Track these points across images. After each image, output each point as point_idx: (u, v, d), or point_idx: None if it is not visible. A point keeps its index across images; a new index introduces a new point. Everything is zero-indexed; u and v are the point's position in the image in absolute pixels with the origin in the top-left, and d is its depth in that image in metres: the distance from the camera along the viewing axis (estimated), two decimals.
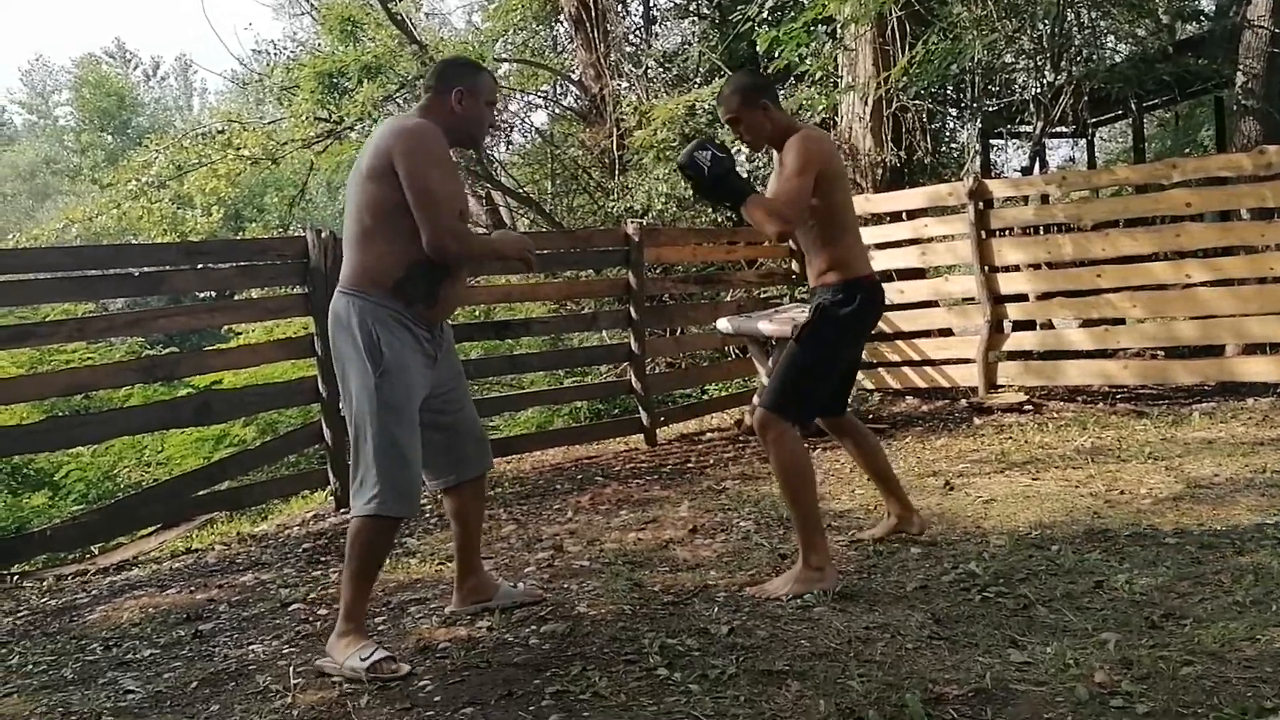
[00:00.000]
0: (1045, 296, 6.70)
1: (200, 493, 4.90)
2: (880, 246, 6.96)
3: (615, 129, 10.06)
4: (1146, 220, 7.13)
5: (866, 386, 7.26)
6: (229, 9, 15.37)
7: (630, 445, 6.41)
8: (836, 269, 3.25)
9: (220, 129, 11.61)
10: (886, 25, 7.89)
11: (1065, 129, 9.55)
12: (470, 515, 3.15)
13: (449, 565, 3.59)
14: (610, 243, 6.78)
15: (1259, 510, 3.66)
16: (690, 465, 5.69)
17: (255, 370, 6.37)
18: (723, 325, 6.36)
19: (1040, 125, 8.42)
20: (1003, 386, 6.65)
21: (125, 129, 31.47)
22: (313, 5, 12.93)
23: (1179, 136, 13.92)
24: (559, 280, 7.43)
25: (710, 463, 5.70)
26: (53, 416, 6.86)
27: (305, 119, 10.65)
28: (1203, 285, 6.12)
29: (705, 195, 3.46)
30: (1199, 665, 2.34)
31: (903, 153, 8.21)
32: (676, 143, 8.65)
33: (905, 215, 7.28)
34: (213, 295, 6.99)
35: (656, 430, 6.46)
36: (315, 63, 10.46)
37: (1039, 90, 8.28)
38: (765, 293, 7.72)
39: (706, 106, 8.72)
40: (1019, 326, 7.09)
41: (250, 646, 3.06)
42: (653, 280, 6.99)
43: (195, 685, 2.75)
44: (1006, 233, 7.19)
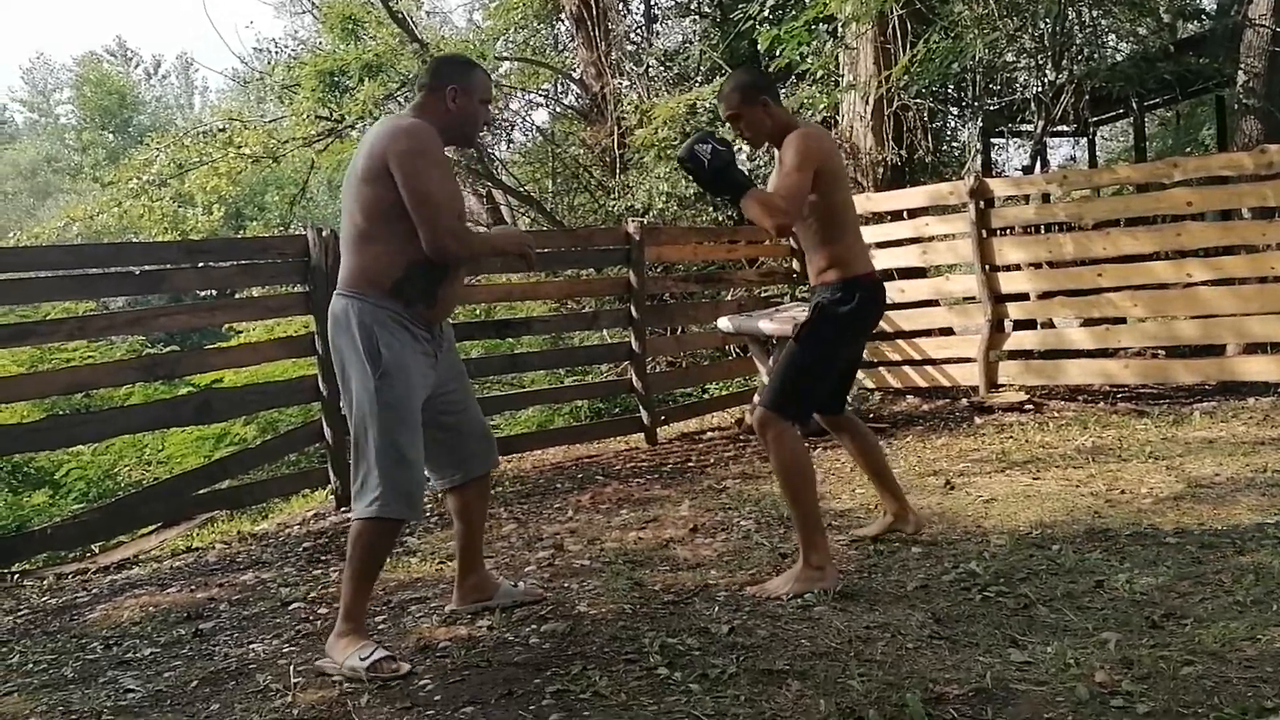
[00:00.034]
0: (1046, 295, 6.70)
1: (201, 491, 4.91)
2: (881, 245, 6.95)
3: (616, 127, 10.07)
4: (1147, 219, 7.13)
5: (867, 385, 7.26)
6: (230, 7, 15.39)
7: (631, 444, 6.41)
8: (836, 267, 3.24)
9: (221, 127, 11.63)
10: (887, 24, 7.88)
11: (1066, 128, 9.55)
12: (474, 513, 3.14)
13: (449, 564, 3.59)
14: (611, 241, 6.78)
15: (1260, 510, 3.66)
16: (691, 464, 5.68)
17: (256, 369, 6.38)
18: (723, 324, 6.36)
19: (1041, 124, 8.41)
20: (1003, 386, 6.64)
21: (126, 127, 31.51)
22: (314, 4, 12.95)
23: (1180, 135, 13.92)
24: (560, 279, 7.44)
25: (711, 462, 5.69)
26: (53, 415, 6.87)
27: (306, 117, 10.67)
28: (1204, 284, 6.12)
29: (705, 188, 3.46)
30: (1199, 665, 2.34)
31: (904, 151, 8.21)
32: (677, 141, 8.64)
33: (906, 214, 7.27)
34: (213, 294, 6.98)
35: (657, 429, 6.45)
36: (316, 61, 10.46)
37: (1040, 89, 8.27)
38: (766, 291, 7.72)
39: (708, 105, 8.72)
40: (1020, 325, 7.08)
41: (251, 645, 3.06)
42: (653, 279, 6.98)
43: (195, 684, 2.75)
44: (1007, 232, 7.19)
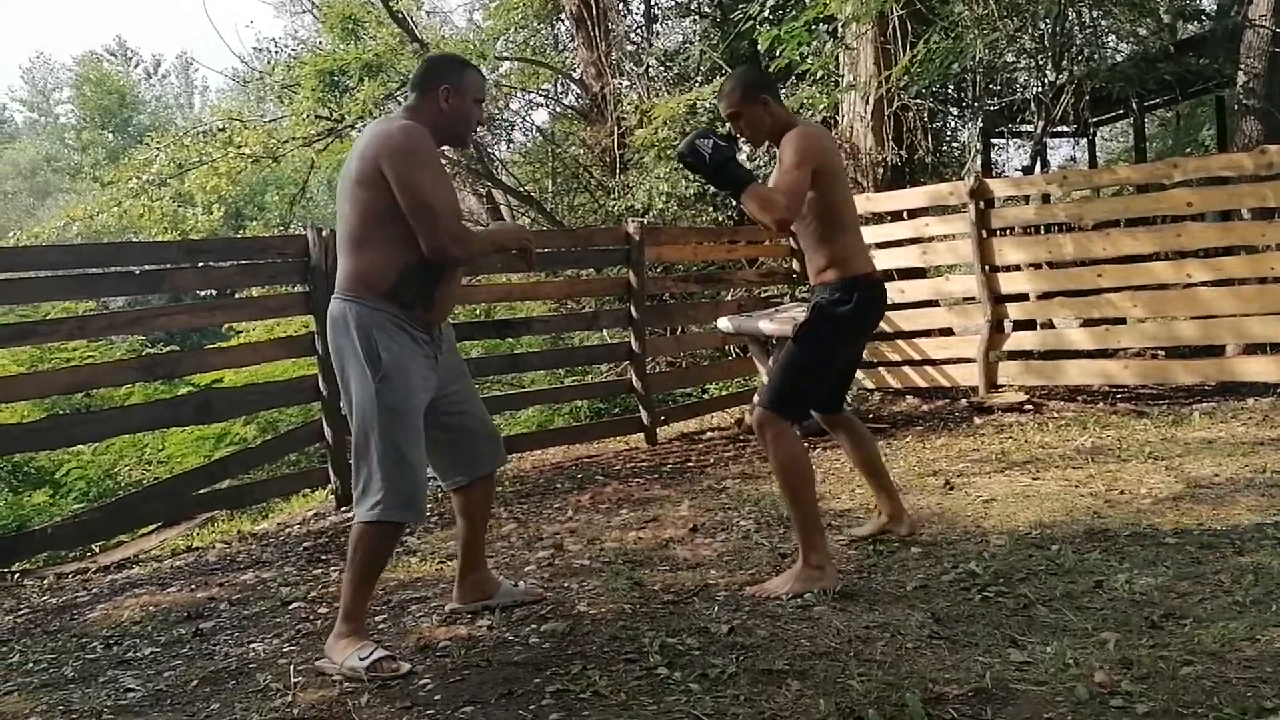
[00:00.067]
0: (1046, 296, 6.70)
1: (201, 491, 4.91)
2: (881, 245, 6.95)
3: (616, 127, 10.08)
4: (1147, 220, 7.13)
5: (867, 386, 7.26)
6: (230, 7, 15.39)
7: (630, 444, 6.41)
8: (835, 267, 3.24)
9: (221, 127, 11.64)
10: (888, 24, 7.89)
11: (1066, 128, 9.54)
12: (477, 512, 3.14)
13: (449, 564, 3.59)
14: (611, 241, 6.78)
15: (1259, 510, 3.66)
16: (690, 464, 5.69)
17: (256, 369, 6.38)
18: (723, 324, 6.36)
19: (1041, 124, 8.41)
20: (1003, 386, 6.64)
21: (126, 127, 31.52)
22: (314, 4, 12.96)
23: (1180, 136, 13.92)
24: (560, 279, 7.45)
25: (710, 462, 5.69)
26: (53, 415, 6.87)
27: (306, 117, 10.67)
28: (1203, 285, 6.12)
29: (708, 182, 3.46)
30: (1199, 665, 2.34)
31: (904, 152, 8.21)
32: (677, 141, 8.65)
33: (906, 214, 7.27)
34: (213, 293, 6.99)
35: (657, 429, 6.45)
36: (316, 61, 10.47)
37: (1040, 89, 8.27)
38: (766, 292, 7.72)
39: (708, 105, 8.73)
40: (1019, 326, 7.08)
41: (251, 645, 3.06)
42: (653, 279, 6.98)
43: (196, 683, 2.75)
44: (1007, 232, 7.18)
